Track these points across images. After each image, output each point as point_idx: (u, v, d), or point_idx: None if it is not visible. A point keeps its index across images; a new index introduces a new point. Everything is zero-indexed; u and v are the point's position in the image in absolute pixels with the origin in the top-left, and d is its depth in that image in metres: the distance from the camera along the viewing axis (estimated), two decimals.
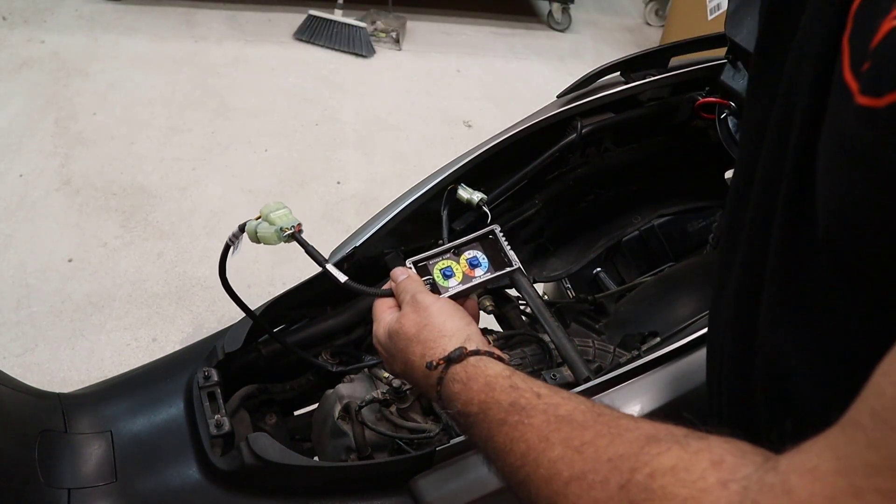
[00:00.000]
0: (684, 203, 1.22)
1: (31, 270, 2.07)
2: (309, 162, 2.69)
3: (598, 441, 0.44)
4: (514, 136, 1.07)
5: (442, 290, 0.70)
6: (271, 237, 0.71)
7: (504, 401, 0.52)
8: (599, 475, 0.42)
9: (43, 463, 0.74)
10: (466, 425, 0.55)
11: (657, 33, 4.07)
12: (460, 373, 0.57)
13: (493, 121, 2.98)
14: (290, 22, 3.52)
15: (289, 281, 0.99)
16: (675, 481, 0.37)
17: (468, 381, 0.56)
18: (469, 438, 0.57)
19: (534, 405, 0.50)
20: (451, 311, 0.64)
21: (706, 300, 0.92)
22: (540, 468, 0.46)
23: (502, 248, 0.74)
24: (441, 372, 0.58)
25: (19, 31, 3.15)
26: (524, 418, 0.49)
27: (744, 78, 1.06)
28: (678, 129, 1.21)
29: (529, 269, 1.15)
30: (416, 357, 0.61)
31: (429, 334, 0.62)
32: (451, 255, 0.73)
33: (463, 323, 0.63)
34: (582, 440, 0.45)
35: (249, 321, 0.93)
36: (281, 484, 0.78)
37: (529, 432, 0.48)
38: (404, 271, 0.71)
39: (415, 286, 0.68)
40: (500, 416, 0.51)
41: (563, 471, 0.44)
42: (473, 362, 0.57)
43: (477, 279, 0.72)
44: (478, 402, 0.54)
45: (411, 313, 0.64)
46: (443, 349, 0.59)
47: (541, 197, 1.13)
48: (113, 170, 2.49)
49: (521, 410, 0.50)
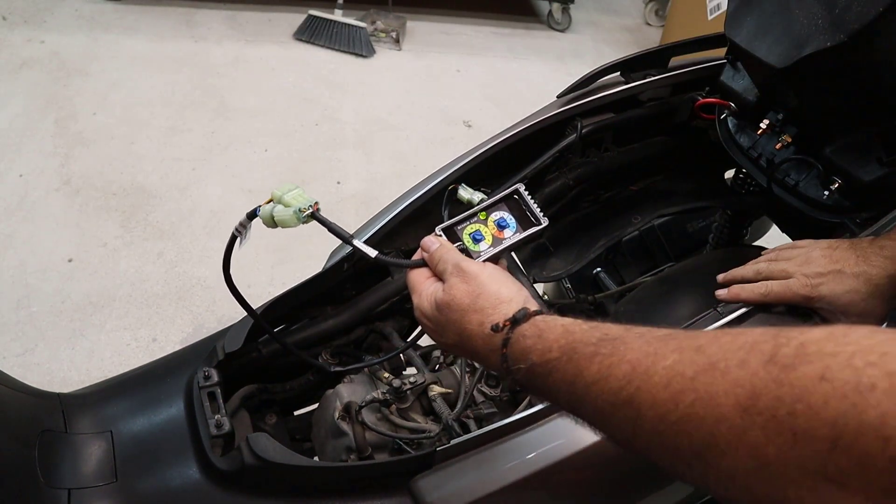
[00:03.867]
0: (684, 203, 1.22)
1: (31, 270, 2.07)
2: (309, 162, 2.69)
3: (719, 339, 0.40)
4: (514, 136, 1.07)
5: (474, 254, 0.68)
6: (290, 219, 0.67)
7: (591, 337, 0.49)
8: (734, 360, 0.37)
9: (43, 463, 0.74)
10: (543, 375, 0.52)
11: (657, 33, 4.07)
12: (530, 328, 0.55)
13: (493, 121, 2.99)
14: (290, 22, 3.52)
15: (289, 281, 0.99)
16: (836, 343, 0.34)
17: (542, 333, 0.53)
18: (543, 393, 0.53)
19: (626, 335, 0.47)
20: (503, 278, 0.62)
21: (706, 300, 0.92)
22: (654, 377, 0.41)
23: (529, 206, 0.71)
24: (506, 333, 0.56)
25: (19, 31, 3.15)
26: (619, 346, 0.46)
27: (744, 78, 1.06)
28: (678, 129, 1.21)
29: (529, 269, 1.15)
30: (474, 325, 0.59)
31: (485, 302, 0.59)
32: (478, 219, 0.71)
33: (517, 287, 0.61)
34: (698, 343, 0.41)
35: (249, 321, 0.93)
36: (281, 484, 0.78)
37: (630, 353, 0.44)
38: (435, 240, 0.68)
39: (453, 255, 0.65)
40: (588, 350, 0.48)
41: (686, 370, 0.40)
42: (542, 318, 0.56)
43: (508, 240, 0.70)
44: (558, 347, 0.51)
45: (460, 283, 0.62)
46: (504, 314, 0.57)
47: (541, 197, 1.13)
48: (113, 170, 2.49)
49: (613, 340, 0.47)
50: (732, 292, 0.85)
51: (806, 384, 0.33)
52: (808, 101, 0.93)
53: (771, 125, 1.00)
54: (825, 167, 0.94)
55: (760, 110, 1.02)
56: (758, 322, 0.81)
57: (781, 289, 0.80)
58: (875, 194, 0.91)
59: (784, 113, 0.99)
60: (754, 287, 0.83)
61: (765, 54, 0.91)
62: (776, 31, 0.90)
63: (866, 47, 0.80)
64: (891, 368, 0.31)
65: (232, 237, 0.71)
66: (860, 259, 0.75)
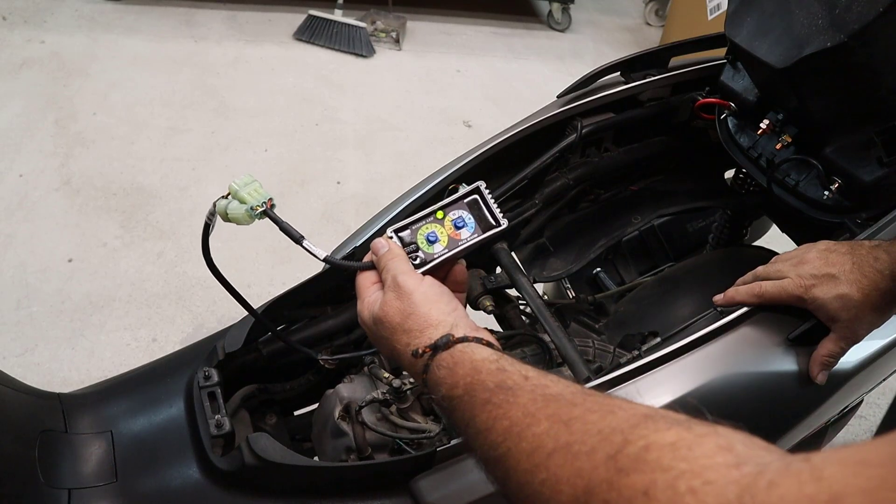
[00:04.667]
0: (684, 203, 1.22)
1: (31, 270, 2.07)
2: (309, 162, 2.69)
3: (587, 416, 0.42)
4: (514, 136, 1.07)
5: (427, 256, 0.67)
6: (243, 217, 0.66)
7: (490, 382, 0.51)
8: (586, 446, 0.39)
9: (43, 463, 0.74)
10: (450, 409, 0.54)
11: (657, 33, 4.07)
12: (447, 358, 0.56)
13: (493, 121, 2.99)
14: (290, 22, 3.52)
15: (289, 281, 0.99)
16: (674, 455, 0.34)
17: (454, 366, 0.55)
18: (452, 423, 0.55)
19: (521, 385, 0.49)
20: (436, 297, 0.61)
21: (706, 300, 0.92)
22: (522, 442, 0.44)
23: (489, 206, 0.68)
24: (427, 360, 0.57)
25: (19, 31, 3.15)
26: (510, 397, 0.48)
27: (744, 78, 1.06)
28: (678, 129, 1.21)
29: (529, 269, 1.15)
30: (401, 346, 0.60)
31: (414, 324, 0.59)
32: (435, 219, 0.68)
33: (449, 308, 0.60)
34: (570, 415, 0.43)
35: (250, 321, 0.93)
36: (281, 484, 0.78)
37: (514, 410, 0.47)
38: (385, 243, 0.66)
39: (395, 264, 0.64)
40: (484, 396, 0.50)
41: (548, 443, 0.42)
42: (461, 349, 0.56)
43: (463, 243, 0.67)
44: (463, 384, 0.53)
45: (394, 300, 0.61)
46: (429, 338, 0.58)
47: (541, 197, 1.13)
48: (113, 170, 2.49)
49: (507, 390, 0.49)
50: (728, 295, 0.85)
51: (630, 496, 0.34)
52: (808, 101, 0.93)
53: (771, 125, 1.00)
54: (825, 167, 0.94)
55: (760, 110, 1.02)
56: (758, 321, 0.81)
57: (775, 289, 0.79)
58: (875, 194, 0.91)
59: (784, 113, 0.99)
60: (748, 288, 0.83)
61: (765, 54, 0.91)
62: (776, 31, 0.90)
63: (866, 47, 0.80)
64: (705, 501, 0.31)
65: (205, 226, 0.71)
66: (855, 266, 0.75)
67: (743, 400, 0.80)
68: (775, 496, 0.29)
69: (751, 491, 0.30)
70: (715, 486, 0.31)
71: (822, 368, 0.79)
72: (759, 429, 0.38)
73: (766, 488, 0.30)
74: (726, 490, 0.31)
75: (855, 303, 0.74)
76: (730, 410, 0.79)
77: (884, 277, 0.74)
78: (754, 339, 0.81)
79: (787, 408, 0.84)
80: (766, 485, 0.30)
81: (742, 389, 0.80)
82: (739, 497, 0.30)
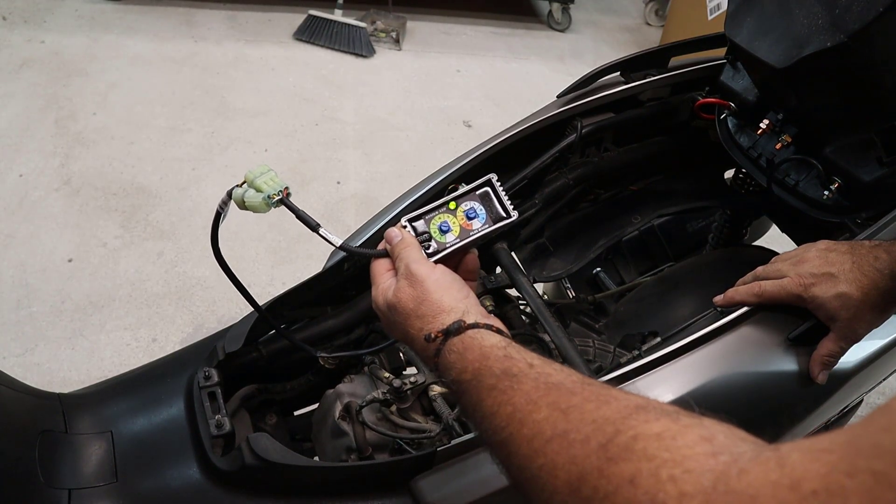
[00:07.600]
0: (684, 203, 1.23)
1: (31, 270, 2.07)
2: (309, 162, 2.69)
3: (584, 405, 0.45)
4: (514, 136, 1.07)
5: (440, 245, 0.69)
6: (260, 205, 0.67)
7: (497, 368, 0.53)
8: (581, 434, 0.42)
9: (43, 463, 0.74)
10: (459, 392, 0.56)
11: (657, 33, 4.07)
12: (457, 344, 0.58)
13: (493, 121, 2.99)
14: (290, 22, 3.52)
15: (289, 281, 0.99)
16: (658, 446, 0.37)
17: (464, 352, 0.57)
18: (460, 406, 0.58)
19: (525, 373, 0.51)
20: (448, 284, 0.63)
21: (706, 300, 0.92)
22: (524, 428, 0.46)
23: (500, 198, 0.71)
24: (439, 344, 0.59)
25: (19, 31, 3.15)
26: (514, 384, 0.50)
27: (744, 78, 1.06)
28: (678, 129, 1.21)
29: (529, 269, 1.15)
30: (414, 331, 0.62)
31: (426, 310, 0.61)
32: (447, 210, 0.70)
33: (461, 295, 0.62)
34: (569, 404, 0.45)
35: (249, 321, 0.93)
36: (281, 484, 0.78)
37: (517, 396, 0.49)
38: (398, 232, 0.68)
39: (408, 253, 0.66)
40: (490, 381, 0.52)
41: (547, 430, 0.45)
42: (471, 334, 0.58)
43: (475, 232, 0.70)
44: (471, 370, 0.55)
45: (407, 287, 0.63)
46: (441, 324, 0.60)
47: (541, 197, 1.13)
48: (113, 170, 2.49)
49: (512, 377, 0.51)
50: (727, 296, 0.85)
51: (618, 483, 0.37)
52: (808, 101, 0.93)
53: (771, 125, 1.00)
54: (825, 167, 0.94)
55: (760, 110, 1.02)
56: (758, 321, 0.81)
57: (774, 288, 0.79)
58: (875, 194, 0.91)
59: (784, 113, 0.99)
60: (748, 288, 0.83)
61: (765, 54, 0.91)
62: (776, 31, 0.90)
63: (866, 47, 0.80)
64: (684, 489, 0.34)
65: (216, 214, 0.72)
66: (855, 265, 0.75)
67: (743, 400, 0.80)
68: (745, 482, 0.32)
69: (724, 478, 0.33)
70: (693, 474, 0.34)
71: (823, 368, 0.79)
72: (759, 428, 0.38)
73: (738, 475, 0.32)
74: (702, 478, 0.34)
75: (854, 302, 0.74)
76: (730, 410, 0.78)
77: (883, 277, 0.74)
78: (754, 338, 0.81)
79: (787, 407, 0.83)
80: (738, 472, 0.33)
81: (742, 389, 0.80)
82: (714, 484, 0.33)
